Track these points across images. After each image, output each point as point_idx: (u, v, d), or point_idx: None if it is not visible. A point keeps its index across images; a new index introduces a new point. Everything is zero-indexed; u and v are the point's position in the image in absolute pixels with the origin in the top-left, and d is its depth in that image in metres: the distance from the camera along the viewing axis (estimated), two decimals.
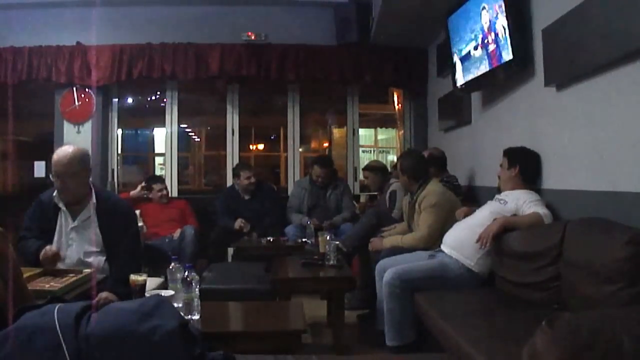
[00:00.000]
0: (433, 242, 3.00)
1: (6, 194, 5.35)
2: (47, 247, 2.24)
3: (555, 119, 2.63)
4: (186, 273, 1.99)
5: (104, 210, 2.38)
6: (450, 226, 2.92)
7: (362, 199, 4.64)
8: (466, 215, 2.89)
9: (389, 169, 4.68)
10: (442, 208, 3.06)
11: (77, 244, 2.37)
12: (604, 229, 1.96)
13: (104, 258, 2.39)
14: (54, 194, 2.38)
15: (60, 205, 2.38)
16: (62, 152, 2.32)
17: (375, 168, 4.30)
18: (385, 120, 6.83)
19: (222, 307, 2.31)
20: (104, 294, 2.09)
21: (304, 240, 3.95)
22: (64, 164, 2.28)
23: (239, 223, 4.27)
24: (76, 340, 1.24)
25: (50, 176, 2.34)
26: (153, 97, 5.82)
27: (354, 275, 3.18)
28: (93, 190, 2.41)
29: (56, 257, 2.24)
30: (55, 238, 2.37)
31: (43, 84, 4.84)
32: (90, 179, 2.45)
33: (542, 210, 2.47)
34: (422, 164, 3.31)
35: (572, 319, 1.24)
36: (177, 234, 4.14)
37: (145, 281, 2.10)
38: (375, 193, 4.46)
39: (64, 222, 2.39)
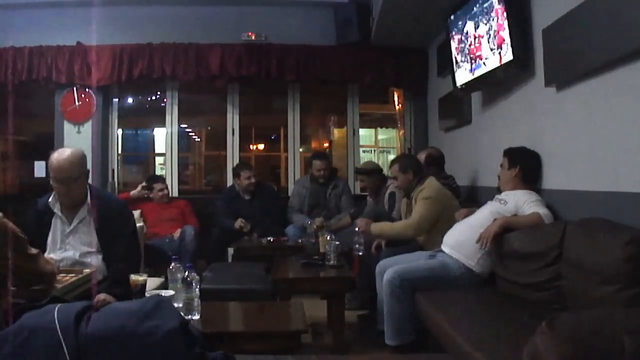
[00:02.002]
0: (421, 231, 3.08)
1: (6, 194, 5.35)
2: None
3: (555, 119, 2.63)
4: (186, 273, 1.99)
5: (98, 209, 2.35)
6: (446, 223, 2.95)
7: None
8: (466, 215, 2.89)
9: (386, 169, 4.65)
10: (436, 202, 3.09)
11: (73, 246, 2.36)
12: (604, 229, 1.96)
13: (101, 257, 2.37)
14: (49, 199, 2.37)
15: (56, 210, 2.36)
16: (62, 157, 2.26)
17: (370, 171, 4.13)
18: (385, 120, 6.82)
19: (222, 307, 2.31)
20: (101, 296, 2.08)
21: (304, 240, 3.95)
22: (66, 169, 2.25)
23: (239, 223, 4.27)
24: (76, 340, 1.24)
25: (51, 182, 2.29)
26: (153, 97, 5.82)
27: (354, 275, 3.18)
28: (89, 190, 2.40)
29: None
30: (50, 241, 2.36)
31: (43, 84, 4.84)
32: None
33: (542, 210, 2.47)
34: (419, 162, 3.44)
35: (572, 319, 1.24)
36: (177, 234, 4.15)
37: (145, 281, 2.10)
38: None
39: (60, 227, 2.37)
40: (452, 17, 3.54)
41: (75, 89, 4.85)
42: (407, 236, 3.12)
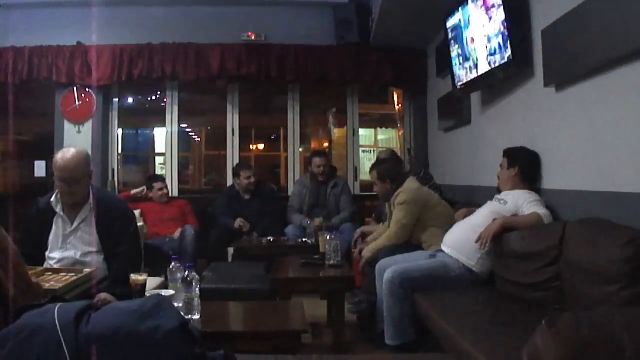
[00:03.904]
0: (404, 236, 3.08)
1: (6, 194, 5.35)
2: None
3: (555, 119, 2.64)
4: (186, 273, 1.99)
5: (101, 210, 2.36)
6: (436, 221, 3.00)
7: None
8: (466, 215, 2.89)
9: None
10: (411, 205, 3.09)
11: (74, 246, 2.36)
12: (604, 230, 1.97)
13: (102, 257, 2.37)
14: (52, 199, 2.37)
15: (58, 209, 2.36)
16: (67, 157, 2.27)
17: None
18: (385, 120, 6.82)
19: (222, 307, 2.31)
20: (102, 295, 2.08)
21: (304, 240, 3.95)
22: (71, 169, 2.25)
23: (238, 222, 4.27)
24: (76, 340, 1.24)
25: (56, 181, 2.30)
26: (153, 97, 5.83)
27: (356, 276, 3.18)
28: (92, 191, 2.41)
29: None
30: (51, 240, 2.36)
31: (44, 83, 4.84)
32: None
33: (541, 210, 2.47)
34: (397, 165, 3.45)
35: (572, 319, 1.24)
36: (177, 233, 4.15)
37: (145, 281, 2.09)
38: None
39: (62, 227, 2.37)
40: (451, 17, 3.54)
41: (75, 88, 4.85)
42: (393, 244, 3.09)
